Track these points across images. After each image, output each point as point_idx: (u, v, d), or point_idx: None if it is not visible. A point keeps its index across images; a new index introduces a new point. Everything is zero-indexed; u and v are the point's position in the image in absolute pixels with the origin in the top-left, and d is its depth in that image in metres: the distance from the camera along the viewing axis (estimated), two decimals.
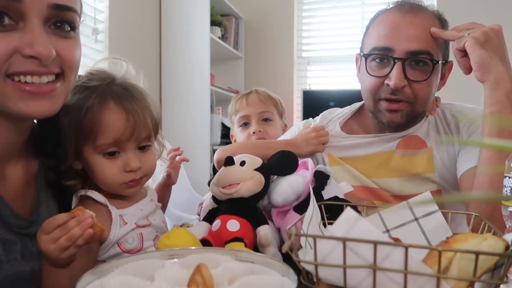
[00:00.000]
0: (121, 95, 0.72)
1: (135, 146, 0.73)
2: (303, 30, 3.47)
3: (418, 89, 0.95)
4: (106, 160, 0.71)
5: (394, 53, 0.93)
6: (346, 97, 1.12)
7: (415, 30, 0.93)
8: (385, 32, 0.96)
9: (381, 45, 0.95)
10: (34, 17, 0.59)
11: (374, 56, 0.97)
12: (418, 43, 0.92)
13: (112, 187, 0.73)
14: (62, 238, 0.56)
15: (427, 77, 0.94)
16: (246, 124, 1.49)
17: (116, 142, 0.70)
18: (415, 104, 0.97)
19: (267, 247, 0.69)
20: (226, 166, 0.76)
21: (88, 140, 0.70)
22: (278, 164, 0.77)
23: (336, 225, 0.45)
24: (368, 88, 1.00)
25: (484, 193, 0.84)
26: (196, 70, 2.77)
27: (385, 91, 0.96)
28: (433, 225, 0.62)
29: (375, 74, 0.98)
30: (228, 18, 3.27)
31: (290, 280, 0.41)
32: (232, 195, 0.73)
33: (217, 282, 0.41)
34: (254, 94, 1.51)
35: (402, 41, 0.93)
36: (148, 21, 2.78)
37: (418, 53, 0.93)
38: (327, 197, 0.75)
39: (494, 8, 2.88)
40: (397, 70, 0.93)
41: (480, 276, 0.43)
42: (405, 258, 0.41)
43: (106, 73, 0.76)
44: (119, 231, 0.72)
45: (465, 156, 0.97)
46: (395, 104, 0.96)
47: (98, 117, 0.69)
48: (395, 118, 0.98)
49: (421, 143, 1.03)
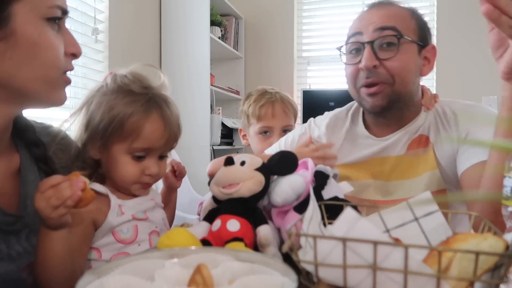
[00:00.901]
0: (164, 108, 0.79)
1: (159, 154, 0.80)
2: (303, 30, 3.47)
3: (391, 67, 0.98)
4: (132, 160, 0.77)
5: (363, 36, 1.00)
6: (346, 97, 1.12)
7: (381, 13, 1.01)
8: (354, 24, 1.04)
9: (351, 32, 1.03)
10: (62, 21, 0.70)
11: (348, 47, 1.04)
12: (383, 21, 0.98)
13: (127, 184, 0.78)
14: (53, 197, 0.59)
15: (395, 54, 0.97)
16: (266, 133, 1.49)
17: (148, 148, 0.77)
18: (394, 83, 0.99)
19: (267, 247, 0.69)
20: (226, 166, 0.76)
21: (124, 140, 0.75)
22: (278, 164, 0.77)
23: (336, 225, 0.45)
24: (349, 78, 1.05)
25: (484, 193, 0.84)
26: (196, 70, 2.77)
27: (362, 77, 1.01)
28: (433, 225, 0.62)
29: (352, 62, 1.03)
30: (228, 18, 3.27)
31: (290, 280, 0.41)
32: (232, 195, 0.73)
33: (217, 282, 0.41)
34: (280, 104, 1.49)
35: (368, 24, 1.00)
36: (148, 21, 2.78)
37: (384, 29, 0.98)
38: (327, 197, 0.75)
39: None
40: (366, 52, 0.98)
41: (480, 276, 0.43)
42: (405, 258, 0.41)
43: (147, 80, 0.80)
44: (115, 219, 0.74)
45: (465, 154, 0.97)
46: (373, 88, 1.00)
47: (141, 123, 0.75)
48: (376, 101, 1.00)
49: (426, 141, 1.04)
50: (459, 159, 0.98)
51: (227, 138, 3.12)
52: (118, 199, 0.77)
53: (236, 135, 3.18)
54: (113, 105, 0.75)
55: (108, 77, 0.80)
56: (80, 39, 2.19)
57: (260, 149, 1.49)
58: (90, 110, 0.78)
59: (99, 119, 0.75)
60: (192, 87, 2.77)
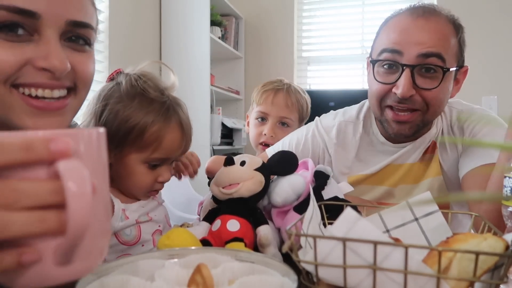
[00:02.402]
0: (182, 117, 0.78)
1: (172, 161, 0.79)
2: (303, 30, 3.47)
3: (429, 97, 0.90)
4: (147, 169, 0.75)
5: (403, 57, 0.89)
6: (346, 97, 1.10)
7: (426, 33, 0.89)
8: (394, 36, 0.92)
9: (389, 47, 0.91)
10: (50, 31, 0.57)
11: (382, 62, 0.93)
12: (429, 46, 0.88)
13: (140, 192, 0.78)
14: None
15: (437, 85, 0.89)
16: (262, 119, 1.42)
17: (166, 158, 0.76)
18: (427, 112, 0.92)
19: (267, 247, 0.69)
20: (226, 166, 0.76)
21: (144, 150, 0.73)
22: (278, 164, 0.77)
23: (336, 225, 0.45)
24: (375, 95, 0.95)
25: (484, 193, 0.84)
26: (196, 70, 2.77)
27: (392, 99, 0.92)
28: (433, 225, 0.62)
29: (383, 80, 0.93)
30: (228, 18, 3.27)
31: (290, 280, 0.41)
32: (232, 195, 0.73)
33: (217, 282, 0.41)
34: (283, 94, 1.41)
35: (411, 44, 0.88)
36: (148, 21, 2.78)
37: (428, 55, 0.88)
38: (327, 197, 0.75)
39: (494, 8, 2.88)
40: (405, 78, 0.88)
41: (480, 276, 0.43)
42: (405, 258, 0.41)
43: (159, 82, 0.78)
44: (119, 224, 0.74)
45: (468, 157, 0.95)
46: (403, 115, 0.92)
47: (162, 134, 0.73)
48: (403, 130, 0.93)
49: (433, 146, 1.02)
50: (462, 162, 0.97)
51: (227, 138, 3.11)
52: (122, 203, 0.75)
53: (236, 135, 3.18)
54: (131, 114, 0.73)
55: (121, 77, 0.77)
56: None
57: (253, 135, 1.44)
58: (104, 116, 0.74)
59: (115, 127, 0.72)
60: (192, 87, 2.77)
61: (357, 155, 1.06)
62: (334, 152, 1.08)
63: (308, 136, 1.12)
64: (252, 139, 1.45)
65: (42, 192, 0.31)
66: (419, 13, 0.92)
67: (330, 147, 1.09)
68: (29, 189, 0.31)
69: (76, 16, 0.59)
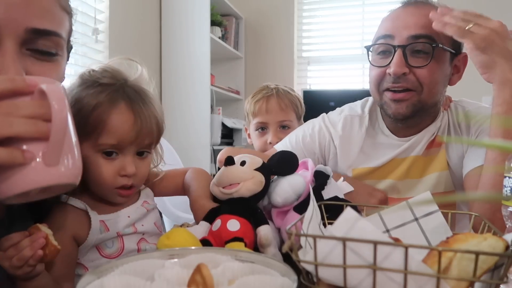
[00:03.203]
0: (133, 98, 0.70)
1: (135, 151, 0.71)
2: (303, 30, 3.47)
3: (421, 75, 0.94)
4: (104, 160, 0.69)
5: (395, 40, 0.95)
6: (346, 97, 1.10)
7: (416, 17, 0.94)
8: (387, 24, 0.99)
9: (382, 33, 0.98)
10: (8, 40, 0.53)
11: (377, 47, 0.99)
12: (418, 28, 0.93)
13: (104, 190, 0.72)
14: (14, 258, 0.56)
15: (427, 62, 0.93)
16: (263, 129, 1.44)
17: (118, 144, 0.69)
18: (422, 92, 0.95)
19: (267, 247, 0.69)
20: (226, 166, 0.76)
21: (91, 136, 0.68)
22: (278, 164, 0.77)
23: (336, 225, 0.44)
24: (373, 80, 1.00)
25: (485, 193, 0.84)
26: (196, 70, 2.77)
27: (388, 81, 0.97)
28: (433, 225, 0.62)
29: (378, 64, 0.99)
30: (228, 18, 3.27)
31: (290, 280, 0.41)
32: (232, 195, 0.73)
33: (217, 282, 0.41)
34: (275, 99, 1.42)
35: (402, 28, 0.94)
36: (149, 21, 2.78)
37: (418, 37, 0.93)
38: (327, 197, 0.75)
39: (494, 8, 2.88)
40: (397, 57, 0.93)
41: (480, 276, 0.43)
42: (405, 258, 0.41)
43: (120, 73, 0.74)
44: (98, 237, 0.70)
45: (471, 156, 0.97)
46: (399, 93, 0.96)
47: (106, 116, 0.67)
48: (400, 108, 0.96)
49: (439, 141, 1.03)
50: (466, 160, 0.98)
51: (227, 138, 3.12)
52: (101, 215, 0.71)
53: (237, 135, 3.18)
54: (78, 99, 0.68)
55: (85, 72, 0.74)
56: (80, 39, 2.19)
57: (258, 146, 1.45)
58: None
59: None
60: (192, 87, 2.77)
61: (362, 148, 1.08)
62: (339, 144, 1.10)
63: (315, 130, 1.14)
64: (258, 150, 1.45)
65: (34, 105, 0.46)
66: (411, 3, 0.99)
67: (336, 139, 1.11)
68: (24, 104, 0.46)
69: (36, 23, 0.55)
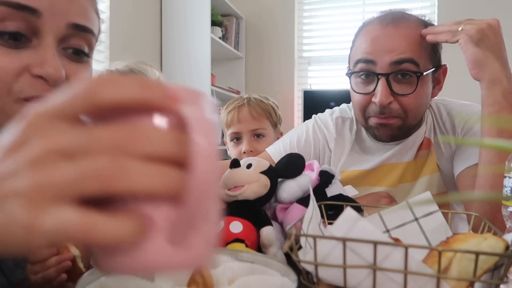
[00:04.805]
0: None
1: None
2: (303, 30, 3.47)
3: (406, 103, 0.91)
4: None
5: (377, 66, 0.91)
6: (346, 97, 1.09)
7: (397, 40, 0.90)
8: (366, 46, 0.93)
9: (362, 57, 0.93)
10: (49, 35, 0.54)
11: (357, 74, 0.95)
12: (400, 53, 0.89)
13: None
14: (39, 275, 0.57)
15: (413, 90, 0.90)
16: (238, 139, 1.43)
17: None
18: (406, 118, 0.93)
19: (269, 248, 0.69)
20: (231, 168, 0.76)
21: None
22: (285, 167, 0.78)
23: (336, 225, 0.45)
24: (358, 106, 0.98)
25: (484, 193, 0.84)
26: (197, 70, 2.78)
27: (373, 109, 0.94)
28: (433, 225, 0.62)
29: (361, 91, 0.95)
30: (228, 18, 3.27)
31: (290, 280, 0.41)
32: (237, 197, 0.73)
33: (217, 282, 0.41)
34: (246, 108, 1.41)
35: (383, 53, 0.90)
36: (149, 21, 2.78)
37: (401, 62, 0.89)
38: (330, 195, 0.75)
39: (493, 8, 2.88)
40: (381, 86, 0.90)
41: (480, 276, 0.43)
42: (405, 258, 0.41)
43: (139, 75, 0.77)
44: None
45: (461, 156, 0.96)
46: (384, 118, 0.94)
47: None
48: (386, 131, 0.95)
49: (428, 143, 1.02)
50: (456, 161, 0.97)
51: None
52: None
53: None
54: None
55: None
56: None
57: (234, 156, 1.43)
58: None
59: None
60: (193, 87, 2.77)
61: (352, 150, 1.07)
62: (334, 146, 1.09)
63: (309, 132, 1.12)
64: None
65: (165, 139, 0.25)
66: (388, 21, 0.94)
67: (330, 142, 1.10)
68: (151, 134, 0.25)
69: (78, 19, 0.57)
